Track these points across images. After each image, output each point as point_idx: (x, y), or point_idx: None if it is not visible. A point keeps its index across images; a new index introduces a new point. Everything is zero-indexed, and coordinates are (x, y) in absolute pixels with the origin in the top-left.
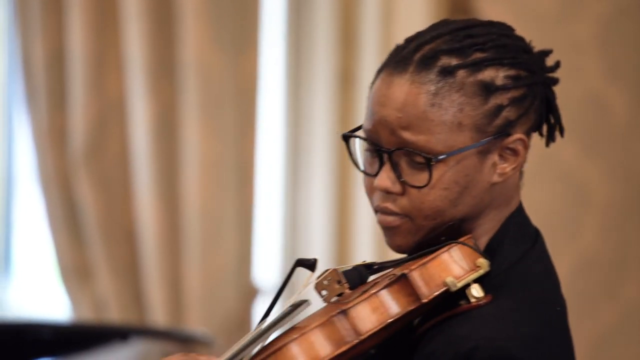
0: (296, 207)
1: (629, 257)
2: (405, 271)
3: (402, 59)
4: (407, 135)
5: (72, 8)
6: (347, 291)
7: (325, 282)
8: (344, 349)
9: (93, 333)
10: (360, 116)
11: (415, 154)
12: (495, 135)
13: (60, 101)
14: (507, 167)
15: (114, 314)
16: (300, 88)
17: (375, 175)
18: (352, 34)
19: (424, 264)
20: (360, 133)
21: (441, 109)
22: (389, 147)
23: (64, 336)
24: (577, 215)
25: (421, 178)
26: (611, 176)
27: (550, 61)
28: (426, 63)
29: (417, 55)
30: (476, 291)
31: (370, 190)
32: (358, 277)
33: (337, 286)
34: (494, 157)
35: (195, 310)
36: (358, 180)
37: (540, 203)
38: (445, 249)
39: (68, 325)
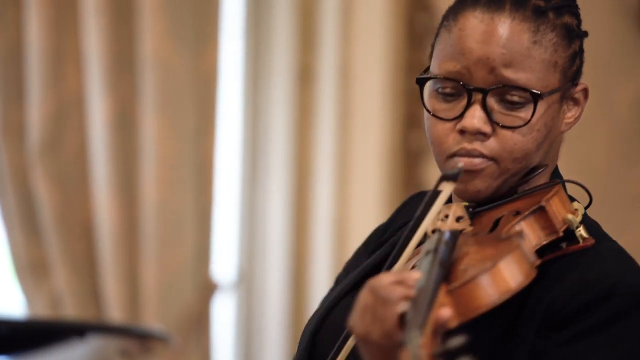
0: (255, 203)
1: None
2: (543, 203)
3: None
4: (508, 73)
5: (30, 2)
6: (469, 228)
7: (446, 215)
8: (534, 267)
9: (49, 329)
10: (320, 112)
11: (517, 90)
12: (572, 81)
13: (18, 96)
14: (571, 117)
15: (71, 310)
16: (259, 84)
17: (457, 117)
18: (312, 30)
19: (548, 199)
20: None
21: (542, 46)
22: (483, 86)
23: (19, 333)
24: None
25: (514, 118)
26: (570, 173)
27: None
28: (521, 2)
29: None
30: (584, 232)
31: (444, 136)
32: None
33: (455, 223)
34: (565, 105)
35: (153, 307)
36: (317, 177)
37: None
38: (556, 188)
39: (24, 321)
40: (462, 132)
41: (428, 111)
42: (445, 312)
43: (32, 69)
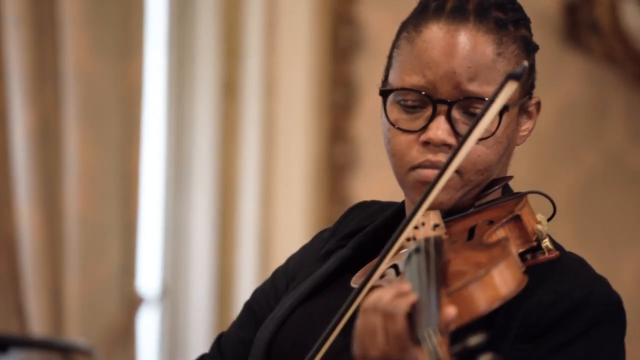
0: (179, 216)
1: None
2: (518, 212)
3: (457, 9)
4: (473, 86)
5: None
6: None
7: (422, 223)
8: (523, 270)
9: None
10: (244, 126)
11: (478, 104)
12: (528, 94)
13: None
14: (526, 129)
15: None
16: (184, 97)
17: (421, 129)
18: (236, 43)
19: (521, 208)
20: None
21: (505, 58)
22: (448, 99)
23: None
24: None
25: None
26: None
27: None
28: (484, 14)
29: (470, 6)
30: (549, 243)
31: (407, 147)
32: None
33: (430, 231)
34: (521, 117)
35: (77, 320)
36: (241, 190)
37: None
38: (525, 198)
39: None
40: (426, 143)
41: (391, 123)
42: (451, 310)
43: None
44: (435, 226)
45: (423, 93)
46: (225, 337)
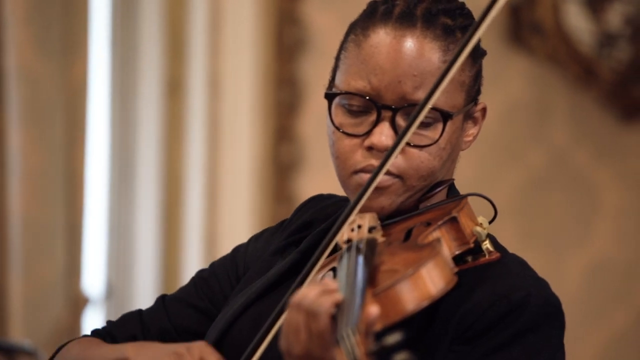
0: (124, 215)
1: None
2: (455, 214)
3: (406, 14)
4: (417, 94)
5: None
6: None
7: (357, 225)
8: (454, 272)
9: None
10: (189, 125)
11: (431, 110)
12: (474, 100)
13: None
14: (471, 135)
15: None
16: (128, 95)
17: (365, 134)
18: (180, 42)
19: (459, 210)
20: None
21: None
22: (393, 105)
23: None
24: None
25: (422, 137)
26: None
27: None
28: (431, 20)
29: (418, 12)
30: (490, 245)
31: (351, 152)
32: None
33: (365, 232)
34: (466, 123)
35: (21, 321)
36: (187, 189)
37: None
38: (465, 201)
39: None
40: (370, 148)
41: (336, 127)
42: (373, 309)
43: None
44: (372, 228)
45: (368, 98)
46: (171, 298)
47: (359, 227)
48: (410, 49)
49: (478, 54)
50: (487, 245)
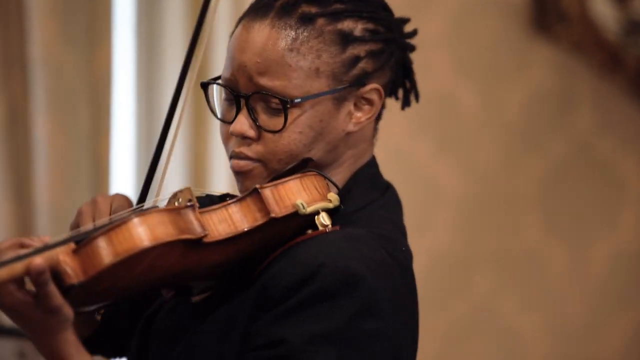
0: (150, 202)
1: (480, 252)
2: (258, 186)
3: (263, 5)
4: (264, 80)
5: None
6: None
7: (178, 199)
8: (187, 236)
9: None
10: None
11: (271, 97)
12: (350, 84)
13: None
14: (362, 116)
15: None
16: (153, 83)
17: (232, 121)
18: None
19: (276, 184)
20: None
21: (299, 54)
22: (246, 93)
23: None
24: (430, 210)
25: (276, 123)
26: (462, 172)
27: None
28: (287, 10)
29: (278, 3)
30: (324, 219)
31: (227, 138)
32: (210, 203)
33: (187, 204)
34: (350, 106)
35: None
36: (212, 174)
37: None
38: (299, 175)
39: None
40: (233, 135)
41: (214, 113)
42: (36, 260)
43: None
44: (189, 201)
45: (228, 88)
46: None
47: (179, 201)
48: (255, 38)
49: (351, 39)
50: (321, 219)
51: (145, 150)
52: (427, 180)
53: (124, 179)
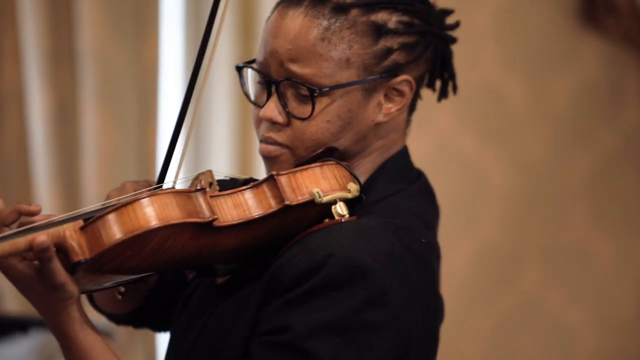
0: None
1: (528, 245)
2: (274, 173)
3: None
4: (294, 67)
5: None
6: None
7: (200, 181)
8: (194, 219)
9: None
10: None
11: (301, 85)
12: (381, 75)
13: None
14: (392, 107)
15: (14, 305)
16: (200, 75)
17: (263, 106)
18: (253, 19)
19: (294, 172)
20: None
21: (330, 44)
22: (277, 78)
23: None
24: (476, 204)
25: (305, 110)
26: (509, 164)
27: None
28: None
29: None
30: (341, 209)
31: (257, 122)
32: (232, 187)
33: (207, 188)
34: (380, 97)
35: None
36: (259, 164)
37: (439, 192)
38: (319, 163)
39: None
40: (263, 119)
41: (247, 97)
42: (40, 237)
43: None
44: (210, 184)
45: (260, 72)
46: None
47: (201, 182)
48: (288, 25)
49: (384, 31)
50: (337, 208)
51: (192, 141)
52: (474, 174)
53: (171, 170)
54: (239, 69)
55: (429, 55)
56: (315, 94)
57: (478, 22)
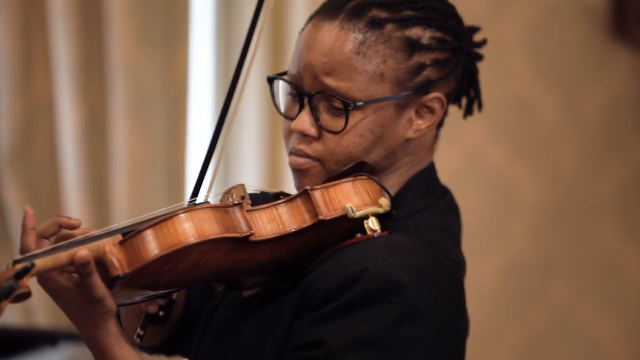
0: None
1: (557, 259)
2: (308, 188)
3: (334, 6)
4: (329, 80)
5: None
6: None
7: (232, 195)
8: (232, 234)
9: (22, 337)
10: None
11: (334, 98)
12: (414, 91)
13: None
14: (422, 124)
15: (43, 318)
16: (237, 90)
17: (294, 118)
18: (282, 33)
19: (327, 186)
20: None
21: (365, 57)
22: (310, 91)
23: None
24: (506, 217)
25: (338, 124)
26: (539, 178)
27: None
28: (357, 12)
29: (350, 5)
30: (373, 224)
31: (287, 134)
32: (263, 201)
33: (240, 200)
34: (411, 113)
35: None
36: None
37: (469, 205)
38: (351, 178)
39: None
40: (294, 132)
41: (277, 109)
42: (82, 252)
43: (0, 75)
44: (242, 198)
45: (292, 84)
46: None
47: (233, 196)
48: (323, 38)
49: (417, 46)
50: (369, 223)
51: (223, 154)
52: (504, 187)
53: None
54: (270, 81)
55: (459, 72)
56: (350, 108)
57: (509, 36)
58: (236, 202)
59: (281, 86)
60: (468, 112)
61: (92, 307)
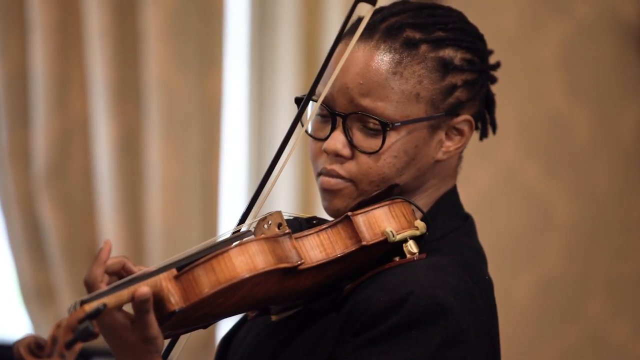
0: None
1: (592, 277)
2: (350, 213)
3: (368, 27)
4: (365, 101)
5: (34, 27)
6: None
7: (269, 222)
8: (285, 265)
9: None
10: None
11: (371, 119)
12: (446, 112)
13: (23, 121)
14: (451, 146)
15: None
16: (264, 108)
17: (326, 139)
18: (316, 53)
19: (366, 211)
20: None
21: (402, 78)
22: (344, 112)
23: None
24: (540, 235)
25: (372, 144)
26: (574, 196)
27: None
28: (392, 33)
29: (384, 25)
30: (412, 247)
31: (316, 155)
32: (297, 227)
33: (276, 229)
34: (442, 135)
35: None
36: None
37: (503, 223)
38: (388, 202)
39: None
40: (325, 152)
41: (306, 130)
42: (142, 289)
43: (37, 94)
44: (279, 225)
45: (325, 105)
46: None
47: (270, 224)
48: (360, 59)
49: (450, 67)
50: (408, 246)
51: (255, 175)
52: (538, 205)
53: (233, 203)
54: (299, 101)
55: (483, 94)
56: (388, 128)
57: (543, 53)
58: (286, 231)
59: (310, 106)
60: (484, 134)
61: (144, 345)
